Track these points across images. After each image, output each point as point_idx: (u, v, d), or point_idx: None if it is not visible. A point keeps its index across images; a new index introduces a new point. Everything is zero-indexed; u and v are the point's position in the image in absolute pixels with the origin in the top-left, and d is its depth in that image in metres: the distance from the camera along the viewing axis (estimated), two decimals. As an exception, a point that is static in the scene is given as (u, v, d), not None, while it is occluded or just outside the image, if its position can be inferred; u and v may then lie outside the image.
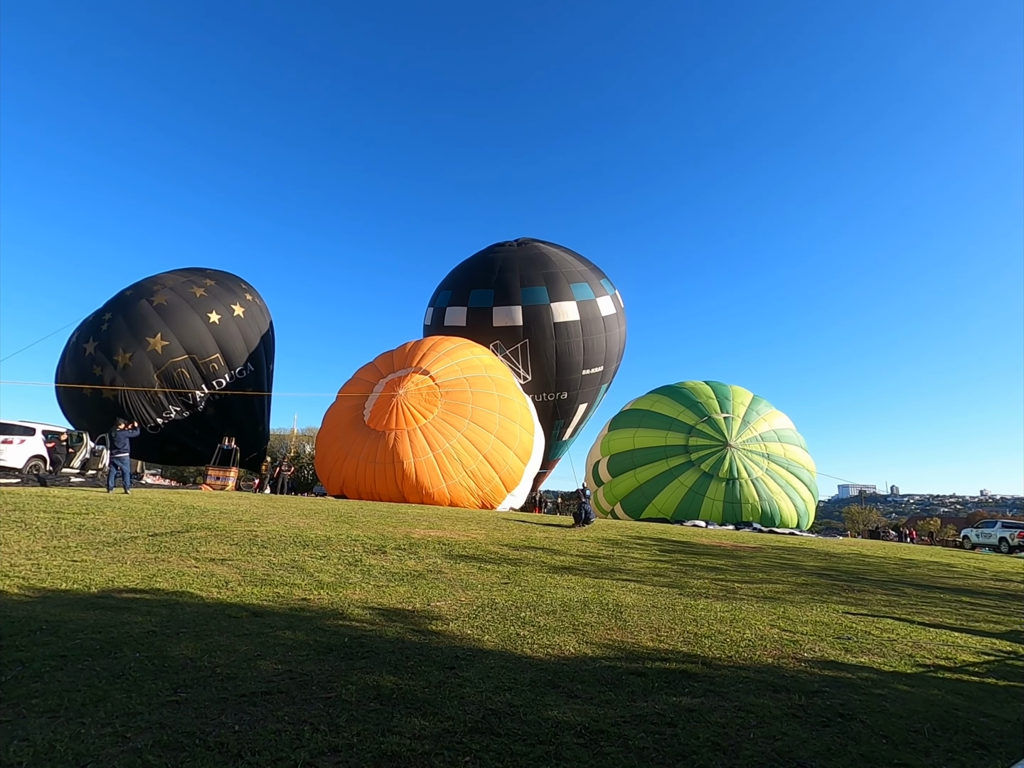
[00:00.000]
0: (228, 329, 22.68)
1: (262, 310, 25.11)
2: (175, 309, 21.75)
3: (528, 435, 21.61)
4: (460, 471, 19.34)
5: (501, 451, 20.22)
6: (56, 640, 3.33)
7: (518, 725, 2.62)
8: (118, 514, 8.52)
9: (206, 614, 4.12)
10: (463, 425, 19.89)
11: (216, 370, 22.54)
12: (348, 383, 22.88)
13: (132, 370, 21.29)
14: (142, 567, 5.48)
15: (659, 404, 27.55)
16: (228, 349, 22.67)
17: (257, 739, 2.29)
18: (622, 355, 29.40)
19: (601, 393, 29.12)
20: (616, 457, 26.95)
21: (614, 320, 27.65)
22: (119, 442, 13.27)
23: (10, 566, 5.08)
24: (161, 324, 21.39)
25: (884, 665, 4.12)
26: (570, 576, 6.99)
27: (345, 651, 3.53)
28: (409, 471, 18.90)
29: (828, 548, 15.01)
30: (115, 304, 22.54)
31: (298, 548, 7.11)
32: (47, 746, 2.15)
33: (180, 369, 21.67)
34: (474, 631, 4.22)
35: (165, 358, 21.27)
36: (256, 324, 24.15)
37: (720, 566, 9.16)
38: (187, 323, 21.78)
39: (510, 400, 21.50)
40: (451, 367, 21.46)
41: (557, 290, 26.38)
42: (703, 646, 4.25)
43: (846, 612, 6.02)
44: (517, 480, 21.19)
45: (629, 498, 25.89)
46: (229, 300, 23.16)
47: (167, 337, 21.30)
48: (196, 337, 21.83)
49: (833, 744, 2.65)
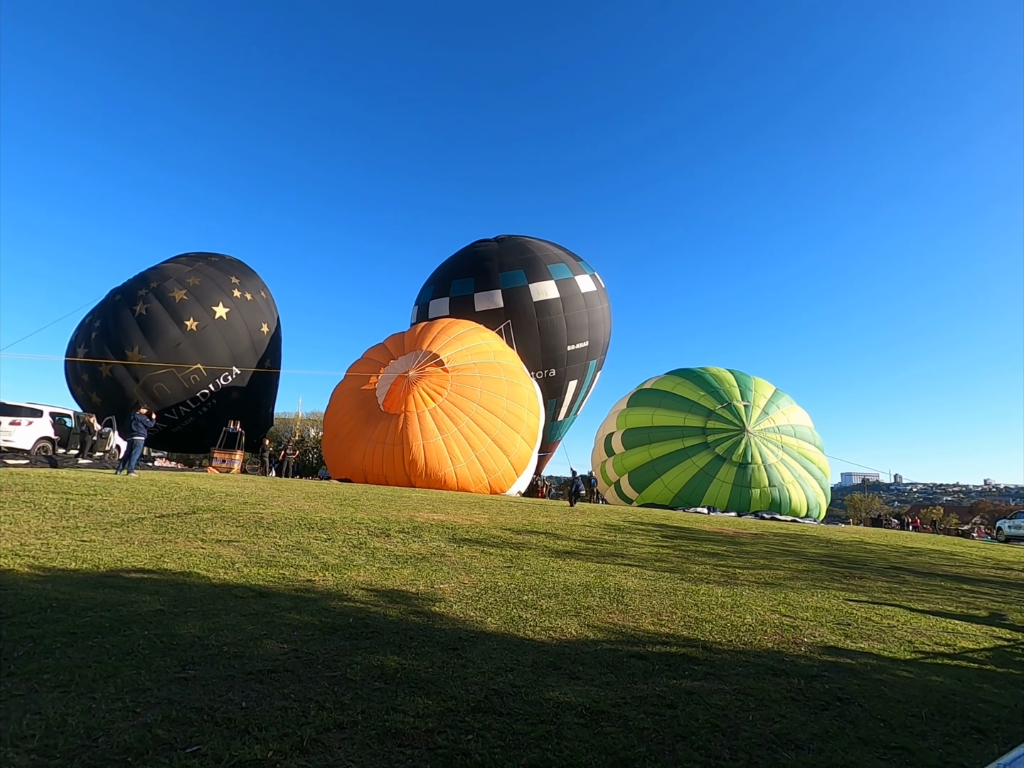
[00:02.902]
0: (208, 335, 22.29)
1: (256, 302, 24.55)
2: (153, 320, 21.46)
3: (535, 419, 21.73)
4: (469, 454, 19.43)
5: (509, 435, 20.30)
6: (66, 618, 3.38)
7: (520, 705, 2.65)
8: (126, 495, 8.62)
9: (213, 594, 4.18)
10: (472, 409, 19.94)
11: (197, 381, 22.25)
12: (357, 362, 22.89)
13: (113, 384, 21.23)
14: (150, 547, 5.55)
15: (681, 387, 27.65)
16: (209, 356, 22.26)
17: (264, 715, 2.34)
18: (609, 333, 29.90)
19: (591, 370, 29.46)
20: (632, 431, 27.09)
21: (595, 297, 28.31)
22: (135, 425, 13.40)
23: (20, 545, 5.15)
24: (140, 337, 21.22)
25: (883, 651, 4.14)
26: (572, 560, 7.04)
27: (350, 631, 3.58)
28: (418, 453, 18.99)
29: (830, 535, 15.06)
30: (104, 310, 22.42)
31: (303, 530, 7.18)
32: (59, 720, 2.19)
33: (159, 384, 21.48)
34: (477, 613, 4.27)
35: (144, 372, 21.13)
36: (244, 321, 23.66)
37: (722, 552, 9.21)
38: (165, 334, 21.47)
39: (518, 385, 21.55)
40: (461, 351, 21.47)
41: (535, 271, 27.12)
42: (704, 630, 4.29)
43: (847, 599, 6.06)
44: (526, 463, 21.37)
45: (638, 471, 26.05)
46: (212, 301, 22.66)
47: (144, 350, 21.14)
48: (173, 350, 21.49)
49: (831, 727, 2.68)
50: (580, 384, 29.42)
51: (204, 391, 22.63)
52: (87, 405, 22.32)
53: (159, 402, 21.52)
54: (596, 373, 30.40)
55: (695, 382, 27.73)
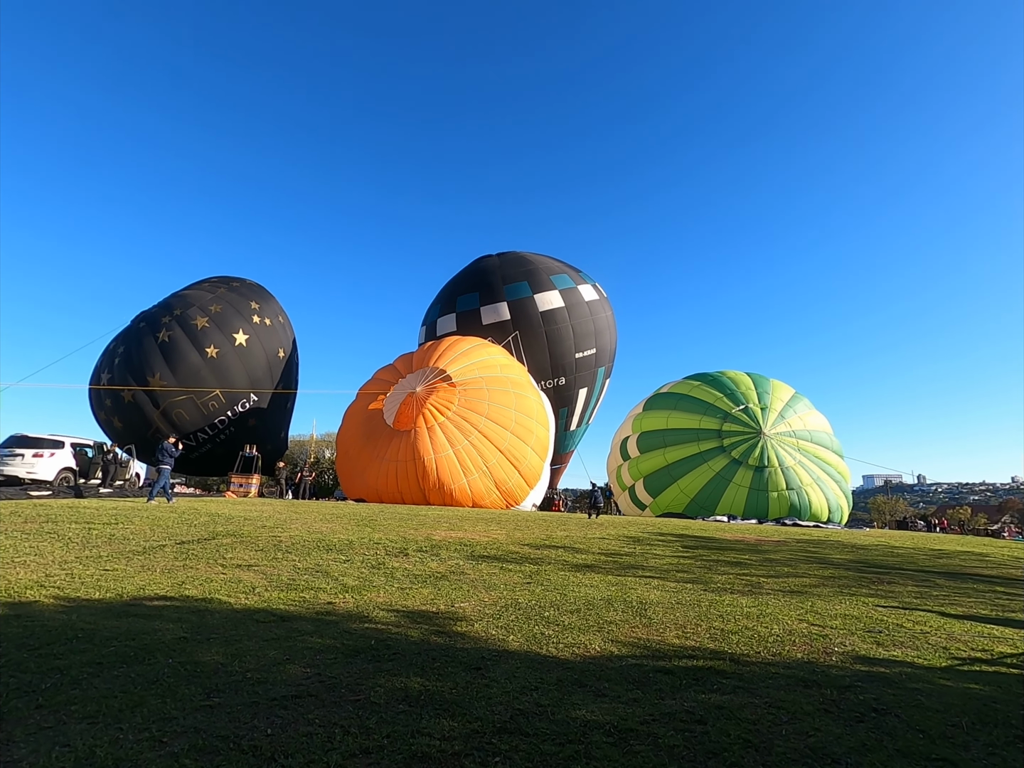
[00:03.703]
0: (228, 362, 22.69)
1: (274, 328, 24.96)
2: (175, 347, 21.93)
3: (544, 430, 21.70)
4: (481, 466, 19.43)
5: (519, 447, 20.30)
6: (92, 648, 3.40)
7: (546, 725, 2.61)
8: (146, 523, 8.70)
9: (235, 620, 4.19)
10: (480, 422, 19.99)
11: (216, 408, 22.60)
12: (368, 383, 23.14)
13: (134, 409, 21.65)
14: (171, 575, 5.58)
15: (697, 390, 27.57)
16: (228, 383, 22.65)
17: (290, 742, 2.32)
18: (615, 340, 30.24)
19: (599, 377, 29.65)
20: (647, 435, 26.95)
21: (599, 305, 28.81)
22: (161, 453, 13.71)
23: (45, 576, 5.21)
24: (161, 364, 21.66)
25: (918, 658, 4.03)
26: (592, 574, 6.96)
27: (372, 654, 3.56)
28: (430, 467, 19.03)
29: (855, 540, 14.75)
30: (128, 336, 22.92)
31: (322, 552, 7.19)
32: (88, 751, 2.20)
33: (178, 410, 21.86)
34: (498, 631, 4.23)
35: (164, 399, 21.54)
36: (263, 346, 24.09)
37: (744, 561, 9.05)
38: (186, 361, 21.89)
39: (525, 397, 21.58)
40: (468, 366, 21.61)
41: (538, 282, 27.64)
42: (730, 642, 4.21)
43: (876, 605, 5.91)
44: (538, 475, 21.29)
45: (654, 476, 25.84)
46: (232, 328, 23.10)
47: (165, 377, 21.56)
48: (195, 376, 21.91)
49: (868, 739, 2.61)
50: (590, 392, 29.54)
51: (222, 417, 22.97)
52: (109, 429, 22.75)
53: (179, 428, 21.86)
54: (605, 381, 30.57)
55: (711, 385, 27.64)
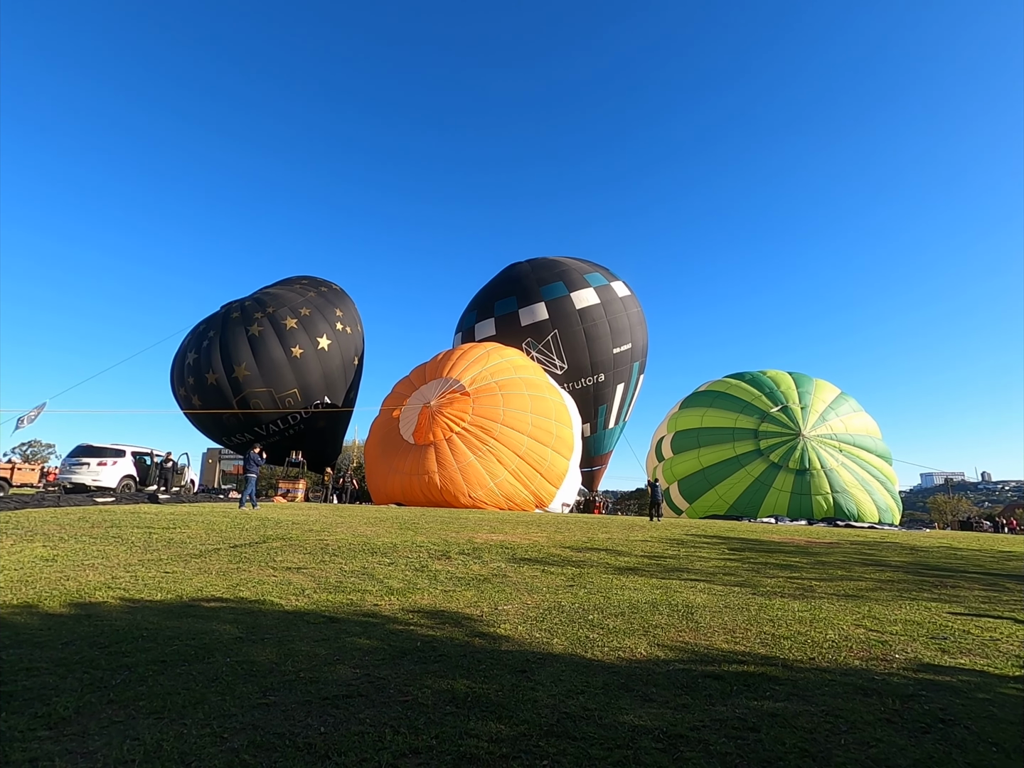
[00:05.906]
0: (308, 364, 23.86)
1: (353, 335, 26.14)
2: (264, 341, 23.20)
3: (566, 428, 21.49)
4: (502, 472, 19.47)
5: (538, 450, 20.25)
6: (155, 646, 3.58)
7: (594, 729, 2.59)
8: (201, 528, 9.10)
9: (286, 620, 4.33)
10: (496, 429, 20.01)
11: (291, 404, 23.80)
12: (388, 397, 23.58)
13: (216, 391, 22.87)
14: (226, 577, 5.81)
15: (735, 387, 26.90)
16: (306, 383, 23.86)
17: (342, 740, 2.39)
18: (647, 335, 30.40)
19: (635, 372, 29.61)
20: (681, 434, 26.40)
21: (630, 300, 29.31)
22: (248, 463, 14.41)
23: (112, 578, 5.52)
24: (248, 355, 22.94)
25: (988, 667, 3.80)
26: (636, 577, 6.87)
27: (418, 655, 3.61)
28: (448, 479, 19.18)
29: (913, 542, 14.04)
30: (220, 322, 24.26)
31: (367, 555, 7.34)
32: (155, 745, 2.32)
33: (256, 400, 23.13)
34: (542, 634, 4.22)
35: (245, 386, 22.78)
36: (341, 353, 25.23)
37: (795, 563, 8.74)
38: (271, 357, 23.14)
39: (542, 398, 21.43)
40: (481, 373, 21.66)
41: (572, 281, 28.09)
42: (782, 648, 4.07)
43: (940, 610, 5.61)
44: (562, 475, 21.12)
45: (689, 480, 25.19)
46: (318, 332, 24.32)
47: (250, 368, 22.83)
48: (277, 372, 23.18)
49: (935, 752, 2.48)
50: (627, 388, 29.48)
51: (295, 415, 24.19)
52: (187, 405, 24.36)
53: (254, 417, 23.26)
54: (639, 376, 30.48)
55: (750, 383, 26.85)
